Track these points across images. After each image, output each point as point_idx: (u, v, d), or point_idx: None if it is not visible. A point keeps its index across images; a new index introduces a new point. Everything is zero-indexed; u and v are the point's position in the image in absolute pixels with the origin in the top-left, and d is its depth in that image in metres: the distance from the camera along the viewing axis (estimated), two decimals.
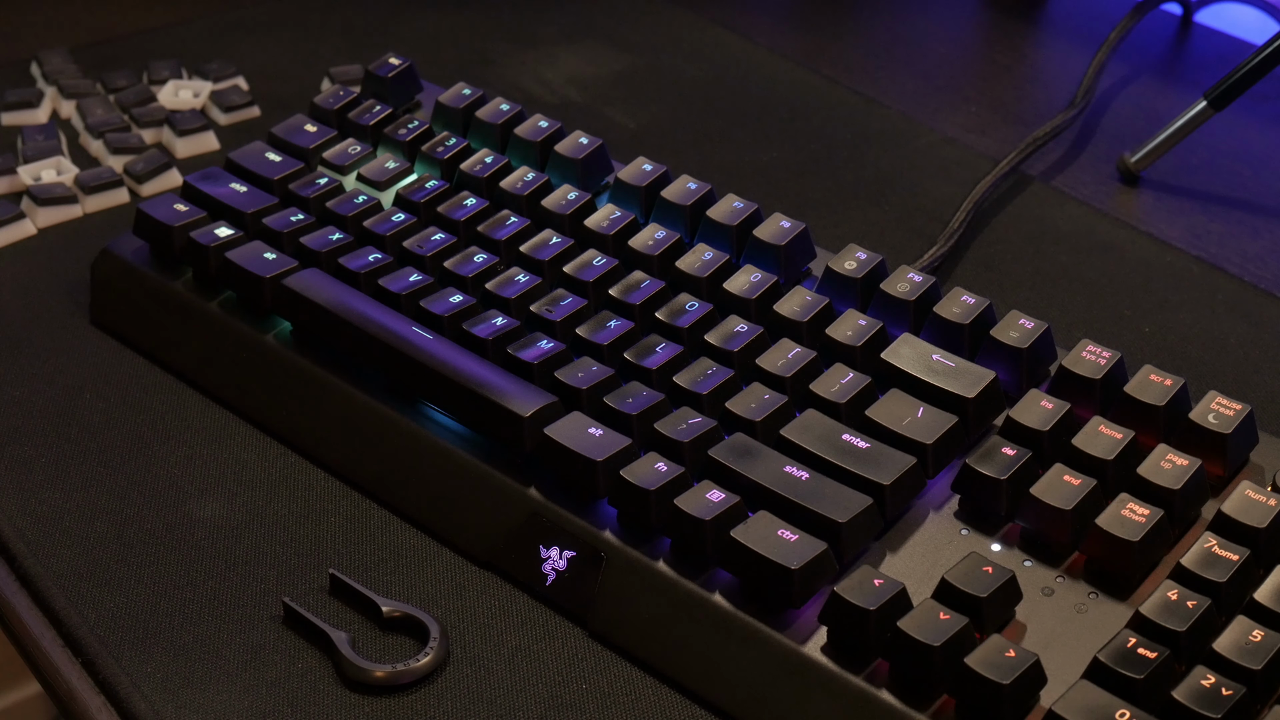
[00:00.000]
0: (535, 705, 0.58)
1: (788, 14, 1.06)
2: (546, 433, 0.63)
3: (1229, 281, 0.80)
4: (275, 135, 0.80)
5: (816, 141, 0.90)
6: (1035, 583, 0.59)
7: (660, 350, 0.67)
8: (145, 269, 0.75)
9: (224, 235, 0.73)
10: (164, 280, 0.74)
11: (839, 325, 0.67)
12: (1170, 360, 0.74)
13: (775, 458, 0.61)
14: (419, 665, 0.59)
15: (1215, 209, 0.86)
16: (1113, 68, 0.96)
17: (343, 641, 0.59)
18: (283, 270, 0.71)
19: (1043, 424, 0.62)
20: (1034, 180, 0.87)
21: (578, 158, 0.77)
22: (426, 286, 0.70)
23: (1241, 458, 0.62)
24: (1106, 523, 0.58)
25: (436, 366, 0.66)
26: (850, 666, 0.56)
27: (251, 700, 0.58)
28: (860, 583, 0.56)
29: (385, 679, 0.58)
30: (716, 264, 0.70)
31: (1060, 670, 0.55)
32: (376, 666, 0.59)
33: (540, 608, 0.62)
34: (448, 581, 0.63)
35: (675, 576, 0.60)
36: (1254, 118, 0.93)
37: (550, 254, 0.72)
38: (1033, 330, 0.65)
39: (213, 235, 0.73)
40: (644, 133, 0.91)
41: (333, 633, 0.60)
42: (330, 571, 0.62)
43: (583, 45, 1.00)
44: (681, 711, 0.59)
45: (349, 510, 0.67)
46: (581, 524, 0.62)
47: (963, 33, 1.04)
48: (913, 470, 0.61)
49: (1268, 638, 0.53)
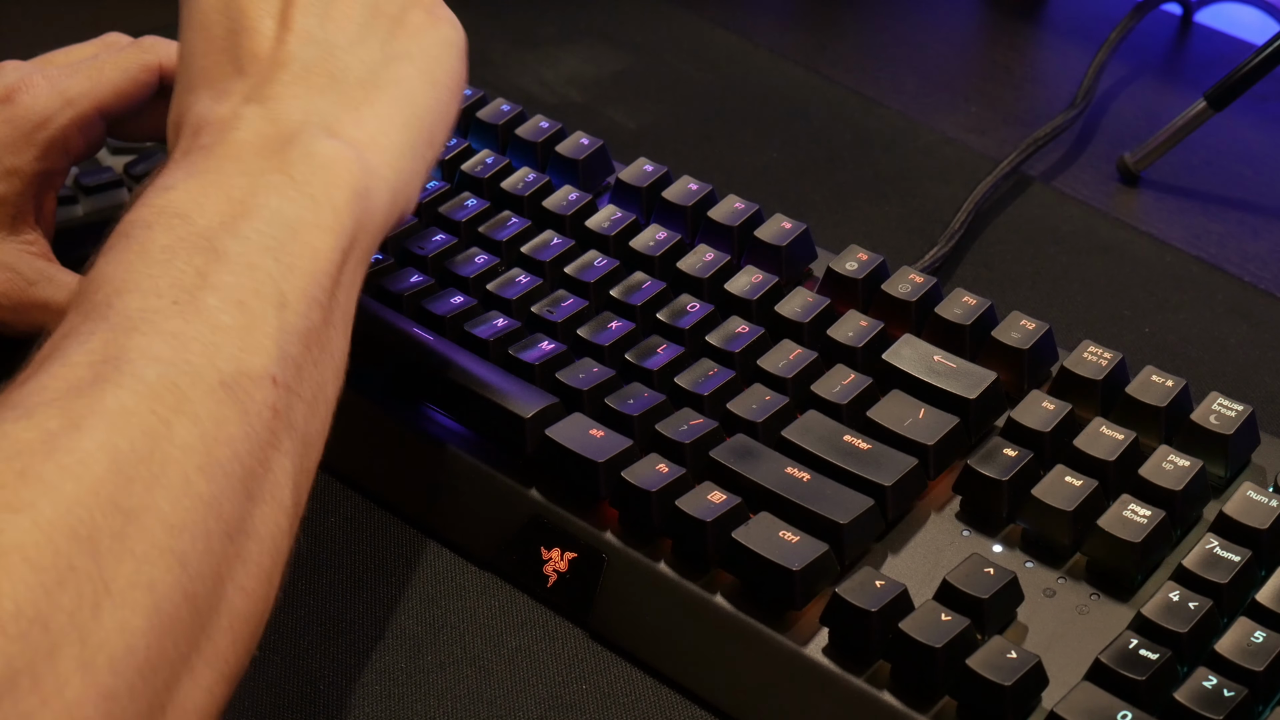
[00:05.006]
0: (535, 706, 0.58)
1: (788, 14, 1.06)
2: (548, 434, 0.63)
3: (1229, 281, 0.80)
4: None
5: (816, 142, 0.90)
6: (1037, 584, 0.59)
7: (661, 351, 0.67)
8: None
9: None
10: None
11: (840, 326, 0.67)
12: (1170, 360, 0.74)
13: (776, 459, 0.61)
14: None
15: (1215, 209, 0.86)
16: (1113, 68, 0.96)
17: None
18: None
19: (1044, 425, 0.62)
20: (1034, 181, 0.87)
21: (579, 158, 0.77)
22: (427, 288, 0.70)
23: (1243, 459, 0.62)
24: (1108, 524, 0.58)
25: (438, 367, 0.66)
26: (852, 668, 0.56)
27: (251, 700, 0.58)
28: (862, 584, 0.56)
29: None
30: (718, 265, 0.70)
31: (1062, 672, 0.55)
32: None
33: (541, 608, 0.62)
34: (448, 581, 0.63)
35: (676, 578, 0.60)
36: (1254, 118, 0.93)
37: (551, 255, 0.72)
38: (1034, 331, 0.65)
39: None
40: (644, 133, 0.91)
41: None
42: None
43: (583, 45, 1.00)
44: (682, 712, 0.59)
45: (349, 510, 0.67)
46: (583, 525, 0.62)
47: (963, 33, 1.04)
48: (914, 471, 0.61)
49: (1269, 639, 0.54)
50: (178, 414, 0.45)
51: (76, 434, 0.43)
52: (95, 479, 0.42)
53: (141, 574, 0.42)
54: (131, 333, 0.46)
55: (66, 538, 0.41)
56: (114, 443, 0.43)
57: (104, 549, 0.41)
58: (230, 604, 0.45)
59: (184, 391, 0.45)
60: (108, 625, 0.41)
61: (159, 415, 0.44)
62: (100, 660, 0.41)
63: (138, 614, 0.42)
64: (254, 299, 0.49)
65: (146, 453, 0.44)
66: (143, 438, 0.44)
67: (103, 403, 0.44)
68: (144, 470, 0.43)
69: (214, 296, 0.48)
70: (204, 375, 0.46)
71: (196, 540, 0.44)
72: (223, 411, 0.46)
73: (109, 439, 0.43)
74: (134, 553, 0.42)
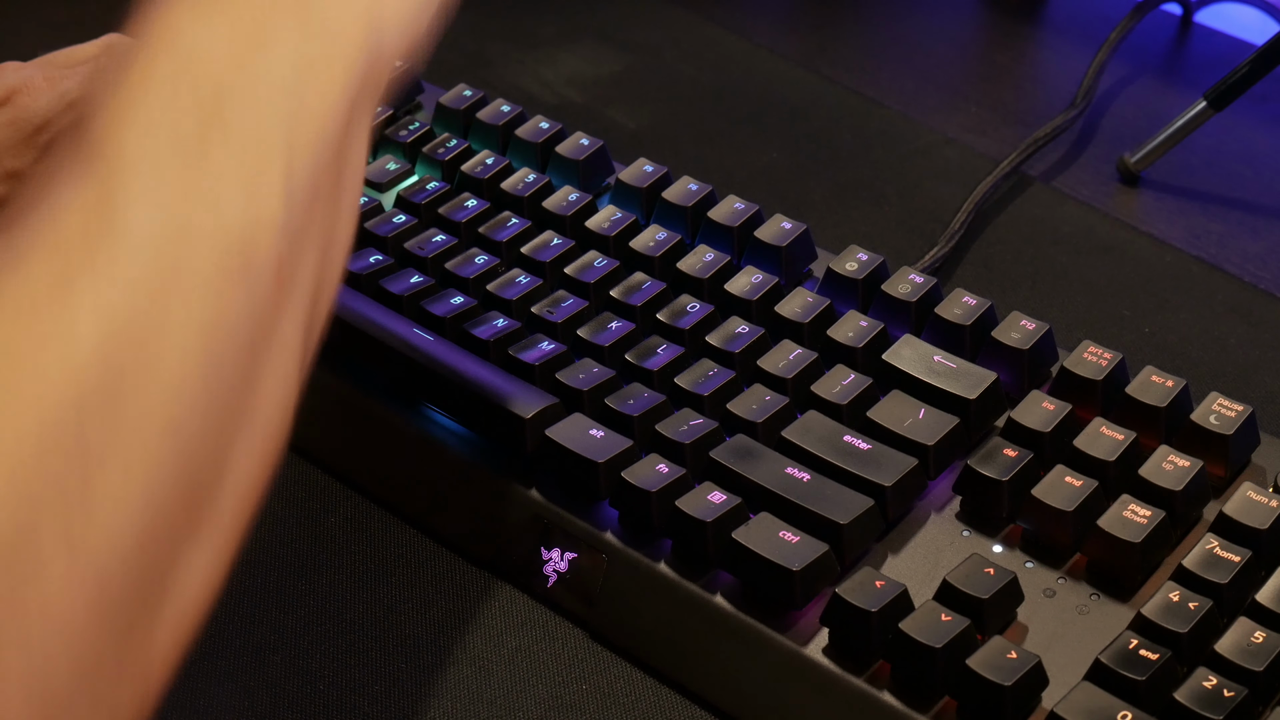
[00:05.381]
0: (535, 706, 0.58)
1: (788, 14, 1.06)
2: (548, 434, 0.63)
3: (1229, 281, 0.80)
4: None
5: (816, 142, 0.90)
6: (1037, 584, 0.59)
7: (661, 351, 0.67)
8: None
9: None
10: None
11: (840, 326, 0.67)
12: (1170, 361, 0.74)
13: (777, 459, 0.61)
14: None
15: (1215, 209, 0.86)
16: (1113, 68, 0.96)
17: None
18: None
19: (1044, 425, 0.62)
20: (1034, 181, 0.87)
21: (579, 159, 0.77)
22: (428, 288, 0.70)
23: (1243, 459, 0.62)
24: (1108, 524, 0.58)
25: (437, 368, 0.66)
26: (852, 668, 0.56)
27: (251, 700, 0.58)
28: (862, 584, 0.56)
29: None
30: (718, 265, 0.70)
31: (1062, 672, 0.55)
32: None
33: (541, 609, 0.62)
34: (448, 581, 0.63)
35: (676, 578, 0.60)
36: (1254, 118, 0.93)
37: (551, 255, 0.72)
38: (1034, 331, 0.65)
39: None
40: (644, 133, 0.91)
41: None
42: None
43: (583, 45, 1.00)
44: (682, 713, 0.59)
45: (349, 510, 0.67)
46: (583, 525, 0.62)
47: (963, 33, 1.04)
48: (914, 471, 0.61)
49: (1269, 639, 0.53)
50: (176, 271, 0.42)
51: (68, 293, 0.40)
52: (88, 345, 0.40)
53: (136, 444, 0.40)
54: (126, 177, 0.43)
55: (54, 406, 0.39)
56: (108, 303, 0.40)
57: (94, 418, 0.39)
58: (236, 467, 0.43)
59: (183, 246, 0.42)
60: (99, 499, 0.39)
61: (156, 273, 0.42)
62: (91, 538, 0.38)
63: (132, 486, 0.40)
64: (261, 143, 0.45)
65: (143, 315, 0.41)
66: (139, 298, 0.41)
67: (94, 260, 0.41)
68: (139, 334, 0.41)
69: (217, 136, 0.45)
70: (205, 227, 0.43)
71: (197, 405, 0.41)
72: (226, 264, 0.43)
73: (102, 300, 0.40)
74: (128, 421, 0.40)
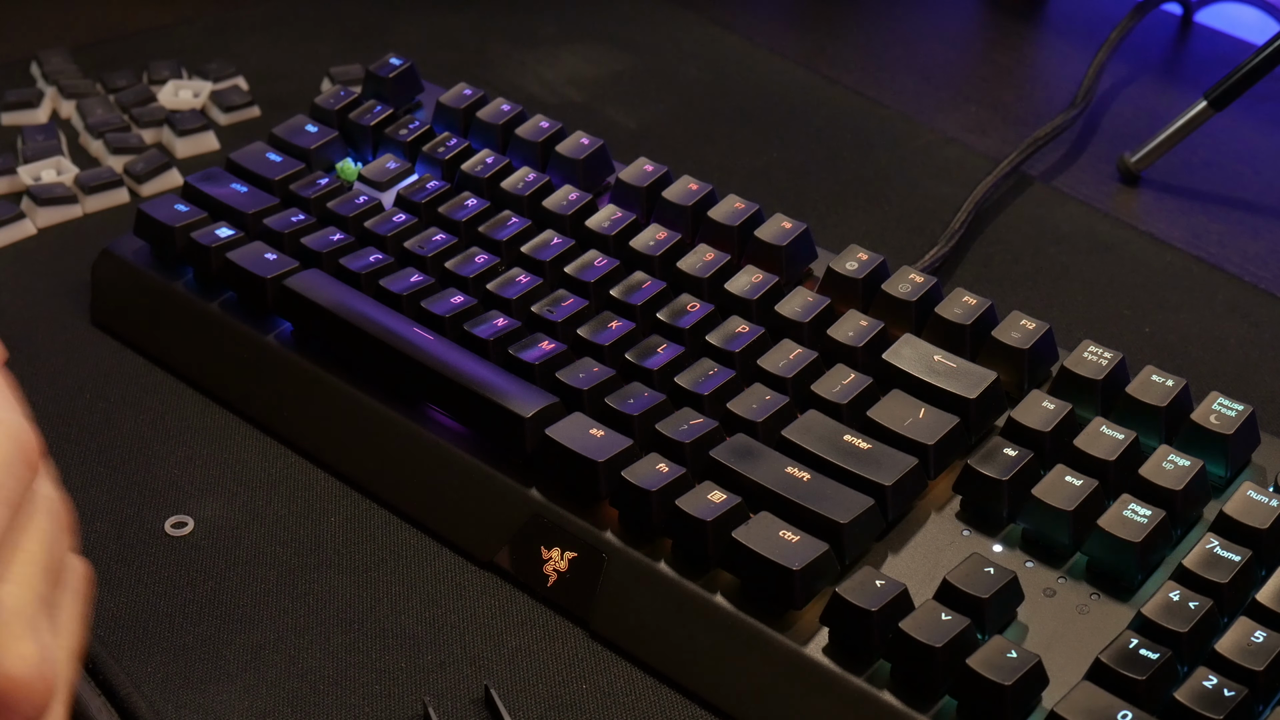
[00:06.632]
0: (535, 705, 0.58)
1: (788, 14, 1.06)
2: (548, 433, 0.63)
3: (1229, 281, 0.80)
4: (276, 135, 0.80)
5: (816, 141, 0.90)
6: (1037, 583, 0.59)
7: (662, 351, 0.67)
8: (146, 269, 0.75)
9: (225, 236, 0.73)
10: (165, 281, 0.74)
11: (840, 326, 0.67)
12: (1170, 360, 0.74)
13: (777, 458, 0.61)
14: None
15: (1215, 209, 0.86)
16: (1113, 68, 0.96)
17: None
18: (284, 271, 0.71)
19: (1044, 425, 0.62)
20: (1034, 180, 0.87)
21: (579, 158, 0.77)
22: (428, 287, 0.70)
23: (1243, 458, 0.62)
24: (1108, 524, 0.58)
25: (437, 367, 0.66)
26: (852, 667, 0.56)
27: (251, 700, 0.58)
28: (862, 583, 0.56)
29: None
30: (718, 265, 0.70)
31: (1062, 671, 0.55)
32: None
33: (541, 608, 0.62)
34: (448, 581, 0.63)
35: (676, 577, 0.60)
36: (1254, 118, 0.93)
37: (551, 254, 0.72)
38: (1034, 331, 0.65)
39: (214, 236, 0.73)
40: (644, 133, 0.91)
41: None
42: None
43: (583, 45, 1.00)
44: (682, 712, 0.59)
45: (349, 510, 0.66)
46: (583, 525, 0.62)
47: (963, 33, 1.04)
48: (914, 471, 0.61)
49: (1269, 639, 0.54)
50: None
51: None
52: None
53: None
54: None
55: None
56: None
57: None
58: None
59: None
60: None
61: None
62: None
63: None
64: None
65: None
66: None
67: None
68: None
69: None
70: None
71: None
72: None
73: None
74: None
